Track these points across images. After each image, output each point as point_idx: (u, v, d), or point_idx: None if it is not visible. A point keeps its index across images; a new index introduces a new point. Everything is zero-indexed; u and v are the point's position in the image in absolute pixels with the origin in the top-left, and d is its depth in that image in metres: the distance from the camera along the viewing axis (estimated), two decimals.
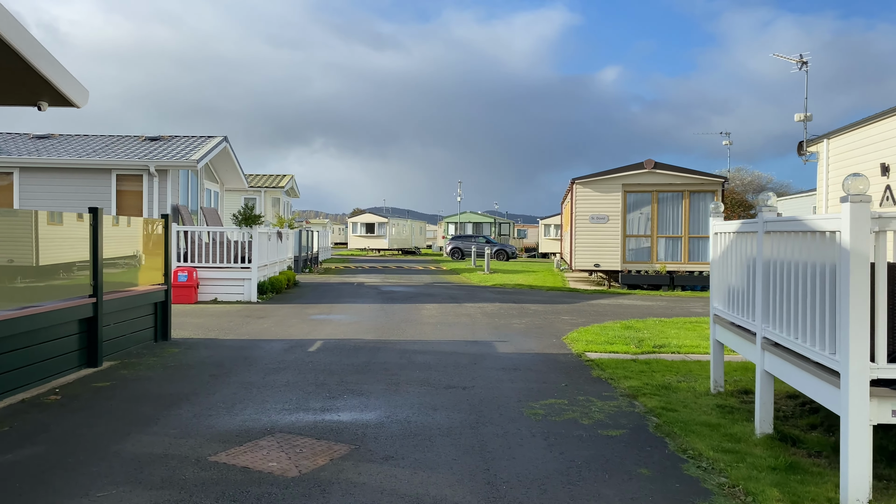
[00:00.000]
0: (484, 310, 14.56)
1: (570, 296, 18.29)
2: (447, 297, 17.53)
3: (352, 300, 16.35)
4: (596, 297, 17.74)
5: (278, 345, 9.74)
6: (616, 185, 20.56)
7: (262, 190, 27.32)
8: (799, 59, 17.10)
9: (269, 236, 17.54)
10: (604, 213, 20.56)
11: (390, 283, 22.00)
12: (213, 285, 15.88)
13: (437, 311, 14.11)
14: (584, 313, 14.19)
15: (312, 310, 14.27)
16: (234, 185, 21.25)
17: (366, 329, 11.41)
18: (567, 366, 8.45)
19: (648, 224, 20.67)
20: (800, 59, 17.07)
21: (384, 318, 12.85)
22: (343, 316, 13.24)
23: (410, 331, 11.27)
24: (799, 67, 17.24)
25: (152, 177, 15.51)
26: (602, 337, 10.59)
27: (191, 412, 6.08)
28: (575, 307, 15.36)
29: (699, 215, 20.51)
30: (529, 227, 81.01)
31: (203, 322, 12.10)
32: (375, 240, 53.97)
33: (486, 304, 15.85)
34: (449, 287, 20.84)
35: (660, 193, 20.63)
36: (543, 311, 14.36)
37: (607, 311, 14.62)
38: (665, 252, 20.60)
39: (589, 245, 20.60)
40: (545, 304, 15.83)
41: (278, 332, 11.04)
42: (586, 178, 20.64)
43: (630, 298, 17.70)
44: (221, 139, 17.98)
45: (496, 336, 10.83)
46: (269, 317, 12.99)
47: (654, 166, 20.30)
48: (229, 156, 18.98)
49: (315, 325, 11.94)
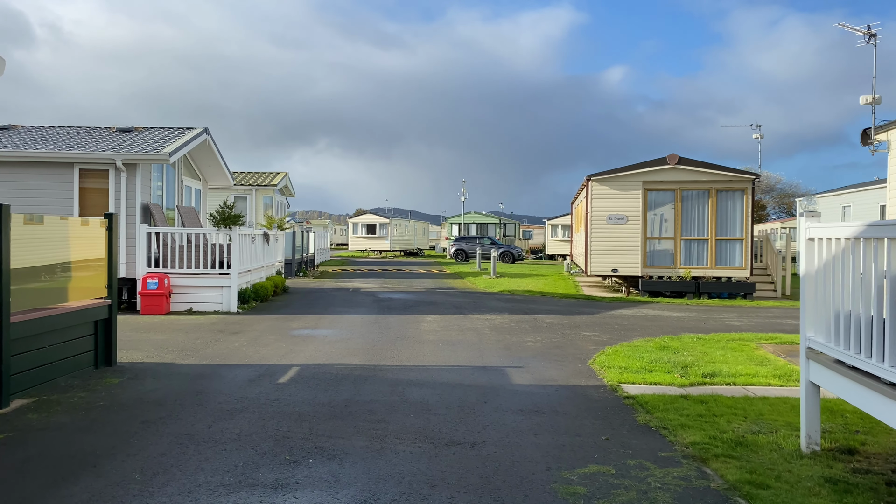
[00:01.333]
0: (492, 323, 12.79)
1: (586, 305, 16.50)
2: (450, 306, 15.76)
3: (344, 310, 14.59)
4: (616, 307, 15.95)
5: (244, 373, 7.98)
6: (636, 183, 18.76)
7: (254, 188, 25.59)
8: (867, 31, 15.25)
9: (252, 238, 15.80)
10: (622, 212, 18.76)
11: (389, 289, 20.25)
12: (187, 293, 14.14)
13: (439, 325, 12.34)
14: (607, 327, 12.41)
15: (296, 322, 12.51)
16: (218, 182, 19.51)
17: (354, 349, 9.65)
18: (603, 406, 6.66)
19: (671, 225, 18.86)
20: (867, 31, 15.22)
21: (377, 335, 11.09)
22: (330, 331, 11.48)
23: (406, 352, 9.49)
24: (867, 41, 15.39)
25: (119, 172, 13.79)
26: (636, 361, 8.81)
27: (88, 493, 4.32)
28: (595, 320, 13.57)
29: (727, 215, 18.69)
30: (535, 227, 79.23)
31: (165, 339, 10.35)
32: (376, 241, 52.22)
33: (494, 315, 14.07)
34: (452, 294, 19.08)
35: (684, 191, 18.81)
36: (560, 325, 12.58)
37: (633, 325, 12.82)
38: (689, 256, 18.79)
39: (606, 248, 18.80)
40: (561, 316, 14.03)
41: (249, 353, 9.28)
42: (603, 175, 18.85)
43: (654, 308, 15.91)
44: (200, 131, 16.24)
45: (509, 359, 9.06)
46: (245, 332, 11.24)
47: (678, 161, 18.50)
48: (211, 150, 17.25)
49: (295, 343, 10.18)
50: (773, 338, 11.10)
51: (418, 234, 59.46)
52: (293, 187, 29.39)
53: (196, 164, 18.22)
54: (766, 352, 9.85)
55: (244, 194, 25.81)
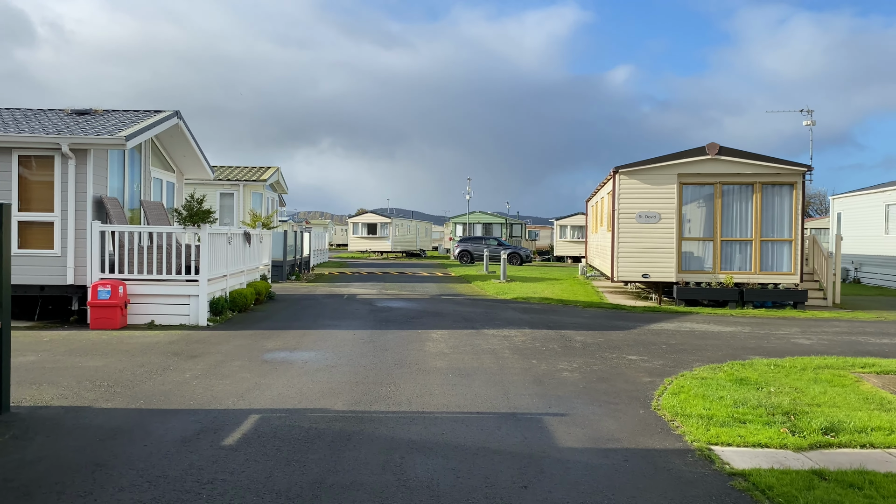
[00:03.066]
0: (512, 341, 10.52)
1: (617, 316, 14.22)
2: (459, 317, 13.50)
3: (334, 323, 12.33)
4: (652, 319, 13.67)
5: (179, 426, 5.72)
6: (670, 176, 16.48)
7: (241, 184, 23.34)
8: None
9: (229, 238, 13.55)
10: (654, 209, 16.48)
11: (388, 296, 17.99)
12: (149, 304, 11.90)
13: (448, 345, 10.08)
14: (652, 348, 10.13)
15: (274, 341, 10.25)
16: (196, 175, 17.27)
17: (339, 384, 7.39)
18: (704, 494, 4.39)
19: (710, 224, 16.58)
20: None
21: (371, 359, 8.83)
22: (312, 354, 9.21)
23: (407, 388, 7.23)
24: None
25: (67, 159, 11.56)
26: (716, 404, 6.54)
27: None
28: (634, 337, 11.29)
29: (774, 213, 16.40)
30: (540, 228, 76.91)
31: (99, 367, 8.10)
32: (377, 241, 49.99)
33: (512, 330, 11.80)
34: (460, 301, 16.81)
35: (724, 186, 16.52)
36: (596, 345, 10.30)
37: (683, 345, 10.54)
38: (731, 260, 16.50)
39: (635, 250, 16.51)
40: (592, 332, 11.76)
41: (199, 390, 7.02)
42: (633, 167, 16.57)
43: (696, 321, 13.62)
44: (170, 114, 13.99)
45: (544, 400, 6.79)
46: (207, 354, 8.99)
47: (719, 151, 16.21)
48: (184, 137, 15.02)
49: (265, 372, 7.92)
50: (868, 365, 8.82)
51: (421, 234, 57.20)
52: (286, 183, 27.15)
53: (168, 154, 15.98)
54: (874, 385, 7.57)
55: (230, 190, 23.56)
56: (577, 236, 47.42)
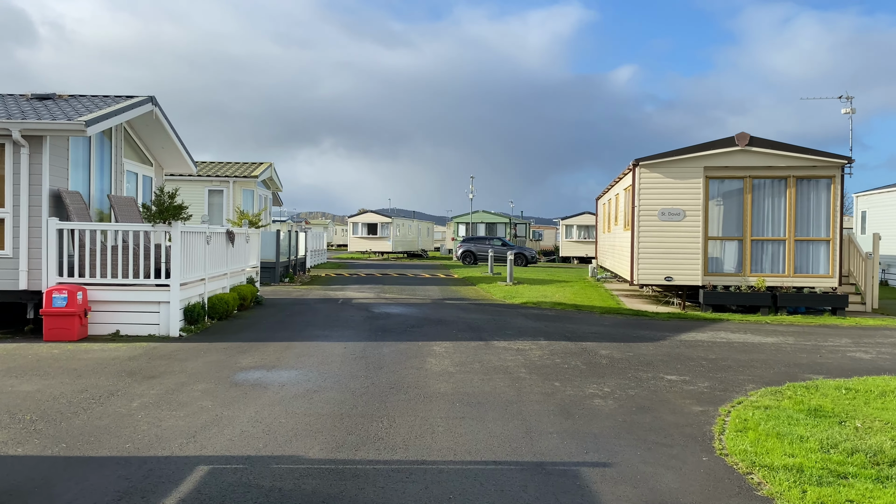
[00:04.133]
0: (528, 356, 9.08)
1: (640, 325, 12.78)
2: (465, 326, 12.06)
3: (323, 334, 10.90)
4: (681, 328, 12.22)
5: (97, 486, 4.29)
6: (695, 169, 15.03)
7: (231, 180, 21.91)
8: None
9: (207, 238, 12.12)
10: (678, 206, 15.03)
11: (387, 300, 16.56)
12: (114, 312, 10.49)
13: (453, 361, 8.65)
14: (691, 364, 8.69)
15: (251, 356, 8.82)
16: (177, 168, 15.87)
17: (317, 420, 5.95)
18: None
19: (739, 222, 15.13)
20: None
21: (362, 381, 7.39)
22: (293, 374, 7.78)
23: (403, 425, 5.79)
24: None
25: (19, 147, 10.17)
26: (797, 446, 5.10)
27: None
28: (667, 350, 9.85)
29: (809, 209, 14.95)
30: (545, 228, 75.39)
31: (30, 393, 6.67)
32: (378, 241, 48.58)
33: (526, 341, 10.36)
34: (465, 306, 15.38)
35: (755, 180, 15.07)
36: (625, 361, 8.86)
37: (725, 360, 9.09)
38: (762, 261, 15.05)
39: (657, 251, 15.07)
40: (617, 344, 10.32)
41: (141, 428, 5.59)
42: (655, 159, 15.12)
43: (730, 329, 12.17)
44: (143, 99, 12.58)
45: (577, 442, 5.35)
46: (166, 376, 7.57)
47: (750, 142, 14.76)
48: (161, 126, 13.60)
49: (229, 401, 6.50)
50: None
51: (422, 234, 55.79)
52: (280, 180, 25.71)
53: (145, 145, 14.56)
54: None
55: (220, 187, 22.12)
56: (584, 236, 45.98)
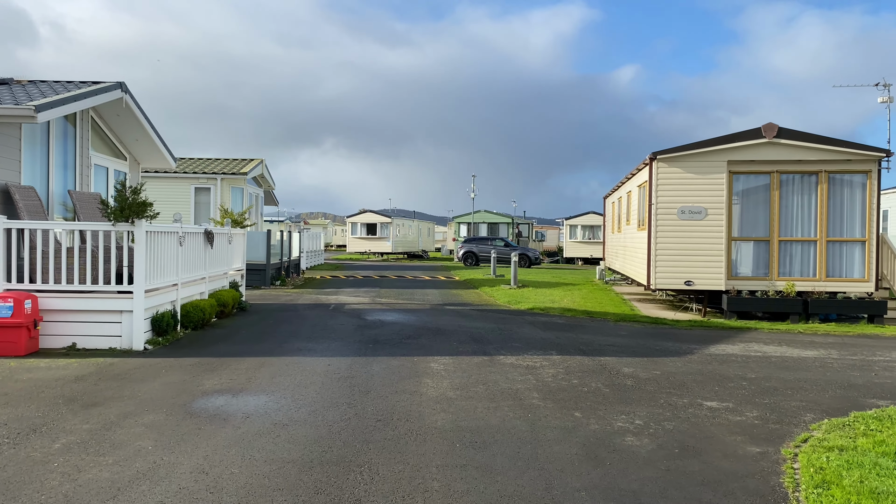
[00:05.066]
0: (540, 376, 7.83)
1: (659, 333, 11.54)
2: (467, 336, 10.82)
3: (307, 346, 9.67)
4: (706, 339, 10.98)
5: None
6: (718, 163, 13.78)
7: (219, 177, 20.67)
8: None
9: (180, 238, 10.89)
10: (699, 203, 13.78)
11: (382, 305, 15.32)
12: (69, 321, 9.26)
13: (453, 383, 7.40)
14: (730, 386, 7.44)
15: (217, 377, 7.58)
16: (155, 163, 14.65)
17: (280, 469, 4.71)
18: None
19: (765, 221, 13.88)
20: None
21: (342, 413, 6.15)
22: (261, 401, 6.54)
23: (389, 478, 4.54)
24: None
25: None
26: None
27: None
28: (697, 366, 8.60)
29: (842, 208, 13.70)
30: (547, 228, 74.09)
31: None
32: (377, 242, 47.37)
33: (536, 355, 9.12)
34: (466, 312, 14.14)
35: (783, 175, 13.83)
36: (652, 381, 7.61)
37: (768, 379, 7.84)
38: (790, 264, 13.80)
39: (676, 253, 13.82)
40: (639, 359, 9.07)
41: (49, 485, 4.34)
42: (674, 153, 13.87)
43: (761, 340, 10.92)
44: (110, 85, 11.36)
45: None
46: (111, 403, 6.33)
47: (778, 133, 13.51)
48: (133, 116, 12.38)
49: (176, 441, 5.26)
50: None
51: (423, 234, 54.57)
52: (272, 178, 24.48)
53: (117, 138, 13.33)
54: None
55: (207, 184, 20.89)
56: (589, 237, 44.75)
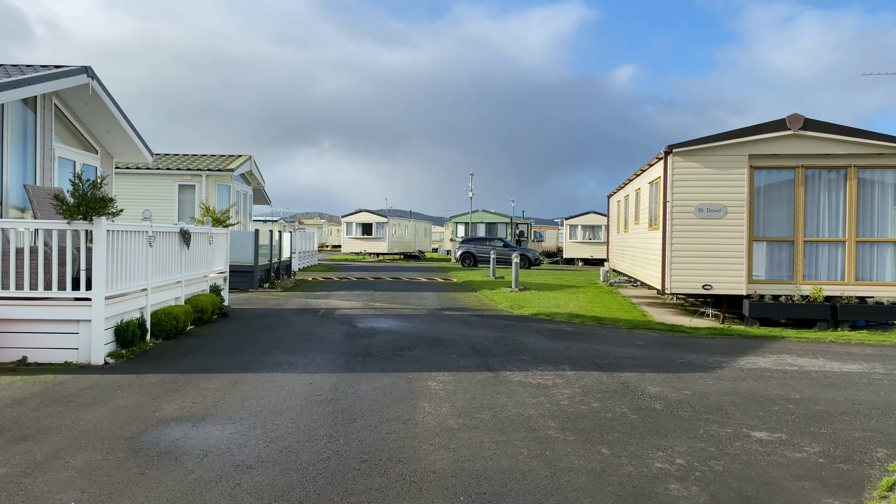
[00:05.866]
0: (555, 399, 6.77)
1: (678, 343, 10.49)
2: (468, 347, 9.76)
3: (288, 360, 8.60)
4: (732, 349, 9.94)
5: None
6: (738, 157, 12.75)
7: (204, 174, 19.59)
8: None
9: (150, 238, 9.81)
10: (718, 201, 12.74)
11: (375, 311, 14.26)
12: (20, 333, 8.19)
13: (454, 408, 6.34)
14: (774, 410, 6.39)
15: (180, 400, 6.51)
16: (131, 157, 13.57)
17: None
18: None
19: (789, 220, 12.85)
20: None
21: (320, 451, 5.09)
22: (225, 433, 5.47)
23: None
24: None
25: None
26: None
27: None
28: (731, 384, 7.55)
29: (873, 205, 12.68)
30: (546, 228, 73.01)
31: None
32: (373, 242, 46.28)
33: (547, 371, 8.06)
34: (466, 319, 13.08)
35: (808, 170, 12.80)
36: (685, 405, 6.56)
37: (816, 401, 6.80)
38: (816, 266, 12.78)
39: (694, 254, 12.77)
40: (664, 374, 8.02)
41: None
42: (691, 146, 12.83)
43: (791, 350, 9.89)
44: (74, 70, 10.29)
45: None
46: (45, 435, 5.26)
47: (804, 125, 12.48)
48: (102, 104, 11.31)
49: (108, 495, 4.19)
50: None
51: (420, 234, 53.51)
52: (262, 175, 23.40)
53: (86, 129, 12.25)
54: None
55: (191, 182, 19.79)
56: (589, 237, 43.79)
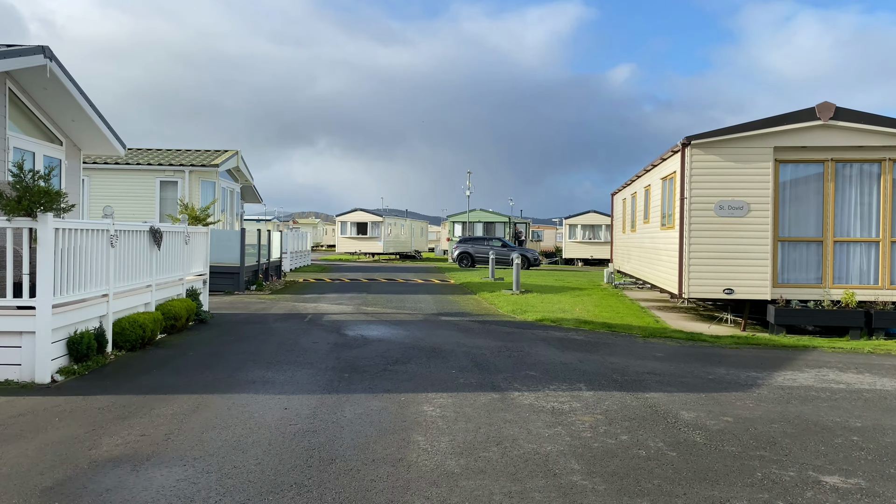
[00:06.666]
0: (575, 430, 5.71)
1: (703, 355, 9.44)
2: (469, 361, 8.68)
3: (263, 377, 7.51)
4: (762, 361, 8.89)
5: None
6: (762, 150, 11.71)
7: (187, 170, 18.46)
8: None
9: (112, 237, 8.71)
10: (740, 197, 11.70)
11: (367, 316, 13.18)
12: None
13: (454, 445, 5.27)
14: (835, 442, 5.33)
15: (125, 432, 5.43)
16: (100, 150, 12.47)
17: None
18: None
19: (818, 218, 11.82)
20: None
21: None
22: (170, 481, 4.38)
23: None
24: None
25: None
26: None
27: None
28: (776, 409, 6.49)
29: None
30: (544, 228, 71.99)
31: None
32: (368, 242, 45.19)
33: (561, 392, 6.99)
34: (466, 326, 12.01)
35: (838, 164, 11.77)
36: (731, 438, 5.49)
37: (883, 433, 5.73)
38: (847, 269, 11.75)
39: (714, 256, 11.73)
40: (696, 395, 6.96)
41: None
42: (711, 137, 11.78)
43: (828, 363, 8.84)
44: (30, 49, 9.19)
45: None
46: None
47: (835, 114, 11.45)
48: (64, 90, 10.22)
49: None
50: None
51: (416, 234, 52.42)
52: (250, 172, 22.30)
53: (48, 117, 11.14)
54: None
55: (173, 178, 18.66)
56: (589, 237, 42.81)
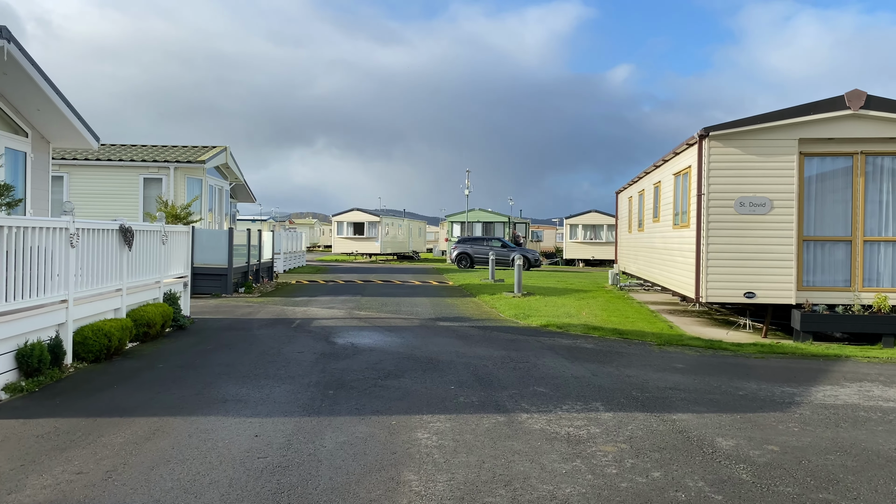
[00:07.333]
0: (595, 465, 4.83)
1: (728, 366, 8.56)
2: (469, 374, 7.80)
3: (237, 395, 6.62)
4: (796, 376, 8.02)
5: None
6: (786, 142, 10.84)
7: (172, 166, 17.56)
8: None
9: (72, 237, 7.82)
10: (762, 194, 10.83)
11: (359, 321, 12.29)
12: None
13: (453, 485, 4.37)
14: None
15: (64, 464, 4.53)
16: (71, 142, 11.58)
17: None
18: None
19: (846, 216, 10.96)
20: None
21: None
22: None
23: None
24: None
25: None
26: None
27: None
28: (826, 435, 5.61)
29: None
30: (544, 228, 71.18)
31: None
32: (365, 242, 44.31)
33: (576, 413, 6.12)
34: (466, 333, 11.13)
35: (868, 157, 10.91)
36: (780, 473, 4.62)
37: None
38: (878, 271, 10.89)
39: (734, 257, 10.85)
40: (731, 416, 6.08)
41: None
42: (730, 128, 10.89)
43: (874, 379, 7.97)
44: None
45: None
46: None
47: (866, 103, 10.58)
48: (25, 76, 9.33)
49: None
50: None
51: (414, 234, 51.54)
52: (240, 170, 21.40)
53: (11, 106, 10.25)
54: None
55: (158, 175, 17.75)
56: (591, 237, 41.98)
